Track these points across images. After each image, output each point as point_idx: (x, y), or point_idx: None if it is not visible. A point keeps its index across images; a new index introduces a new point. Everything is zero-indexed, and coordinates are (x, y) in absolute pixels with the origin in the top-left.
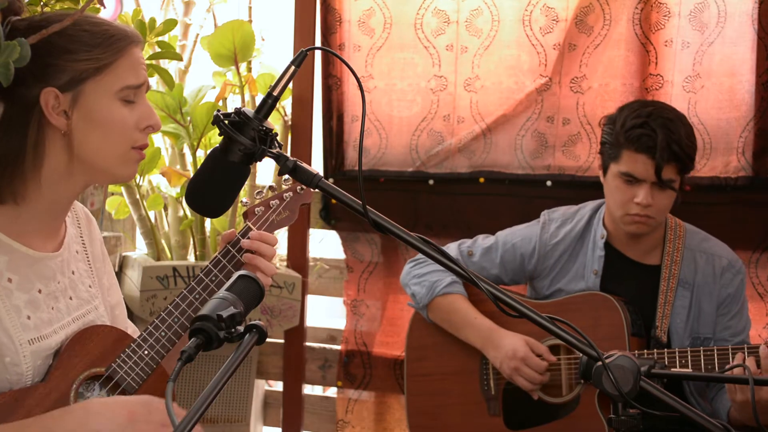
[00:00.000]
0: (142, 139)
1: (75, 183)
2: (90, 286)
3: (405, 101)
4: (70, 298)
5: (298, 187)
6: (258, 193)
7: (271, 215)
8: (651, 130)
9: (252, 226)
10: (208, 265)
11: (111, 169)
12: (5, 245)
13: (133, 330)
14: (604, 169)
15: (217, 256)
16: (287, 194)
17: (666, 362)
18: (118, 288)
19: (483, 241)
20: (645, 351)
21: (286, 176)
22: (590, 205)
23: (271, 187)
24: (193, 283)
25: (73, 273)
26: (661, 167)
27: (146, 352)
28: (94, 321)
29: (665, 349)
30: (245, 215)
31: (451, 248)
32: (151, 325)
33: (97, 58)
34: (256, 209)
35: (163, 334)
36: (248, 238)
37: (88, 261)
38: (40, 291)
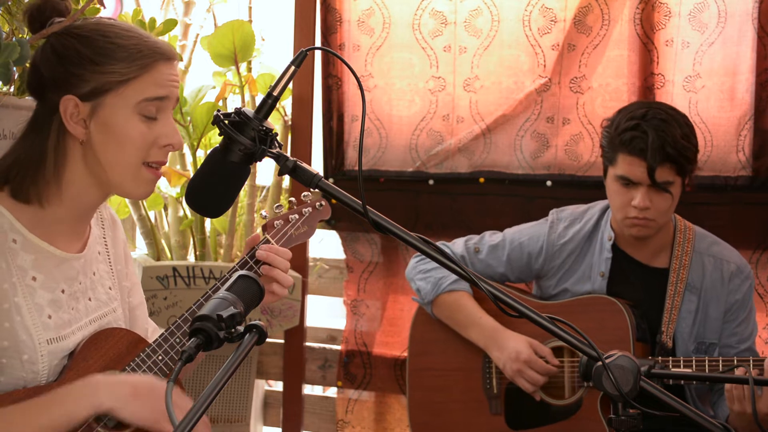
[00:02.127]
0: (156, 156)
1: (94, 193)
2: (110, 288)
3: (404, 100)
4: (89, 300)
5: (318, 203)
6: (278, 206)
7: (290, 229)
8: (642, 132)
9: (271, 239)
10: (225, 275)
11: (122, 185)
12: (32, 244)
13: (153, 329)
14: (604, 172)
15: (235, 267)
16: (306, 209)
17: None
18: (140, 288)
19: (490, 238)
20: (650, 357)
21: (306, 193)
22: (599, 205)
23: (290, 201)
24: (209, 291)
25: (93, 274)
26: (654, 169)
27: (160, 358)
28: (111, 323)
29: (670, 357)
30: (264, 228)
31: (458, 244)
32: (166, 331)
33: (121, 72)
34: (275, 222)
35: (177, 340)
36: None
37: (110, 263)
38: (63, 291)
